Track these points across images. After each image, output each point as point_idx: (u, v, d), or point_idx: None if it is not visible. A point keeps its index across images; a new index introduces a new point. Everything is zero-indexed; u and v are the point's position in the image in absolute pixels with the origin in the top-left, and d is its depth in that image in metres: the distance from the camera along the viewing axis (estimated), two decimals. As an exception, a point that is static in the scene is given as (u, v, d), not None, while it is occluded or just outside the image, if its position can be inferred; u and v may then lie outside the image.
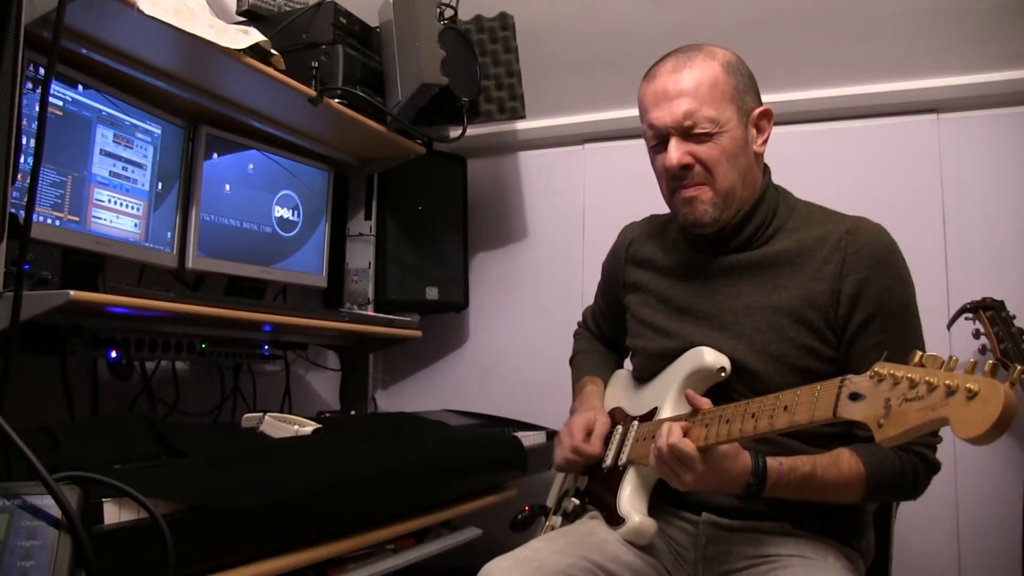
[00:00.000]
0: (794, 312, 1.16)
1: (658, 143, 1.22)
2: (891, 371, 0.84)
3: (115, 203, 1.54)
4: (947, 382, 0.77)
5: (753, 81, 1.22)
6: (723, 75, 1.18)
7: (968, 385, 0.75)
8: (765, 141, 1.23)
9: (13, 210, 1.04)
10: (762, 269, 1.21)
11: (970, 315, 1.76)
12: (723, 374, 1.17)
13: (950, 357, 0.80)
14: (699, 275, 1.26)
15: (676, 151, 1.18)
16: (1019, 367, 0.76)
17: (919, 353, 0.82)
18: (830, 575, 1.08)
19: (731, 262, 1.23)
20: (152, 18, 1.33)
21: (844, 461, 1.09)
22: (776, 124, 1.25)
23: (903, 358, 1.10)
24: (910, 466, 1.11)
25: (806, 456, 1.09)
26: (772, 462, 1.07)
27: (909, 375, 0.81)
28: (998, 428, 0.72)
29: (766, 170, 1.27)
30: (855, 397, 0.88)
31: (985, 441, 0.74)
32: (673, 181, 1.21)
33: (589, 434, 1.29)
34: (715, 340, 1.20)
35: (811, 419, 0.93)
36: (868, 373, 0.87)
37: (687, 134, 1.17)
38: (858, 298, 1.13)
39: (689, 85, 1.17)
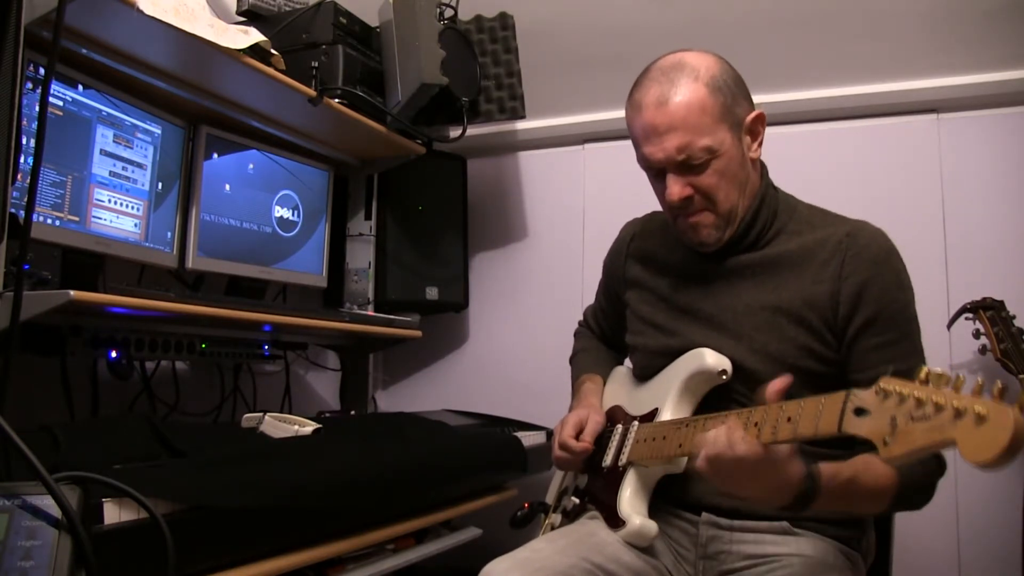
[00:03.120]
0: (793, 313, 1.16)
1: (655, 174, 1.21)
2: (897, 388, 0.82)
3: (115, 203, 1.54)
4: (955, 403, 0.75)
5: (741, 86, 1.19)
6: (710, 97, 1.13)
7: (977, 408, 0.73)
8: (760, 144, 1.21)
9: (13, 210, 1.04)
10: (763, 270, 1.21)
11: (970, 315, 1.76)
12: (724, 377, 1.17)
13: (957, 376, 0.78)
14: (700, 275, 1.26)
15: (674, 186, 1.16)
16: None
17: (925, 369, 0.80)
18: (830, 574, 1.08)
19: (732, 263, 1.23)
20: (152, 18, 1.33)
21: (878, 467, 1.03)
22: (777, 124, 1.25)
23: (904, 363, 1.10)
24: (931, 468, 1.08)
25: (841, 462, 1.03)
26: (822, 466, 1.00)
27: (916, 393, 0.79)
28: (1008, 454, 0.70)
29: (763, 171, 1.26)
30: (860, 412, 0.86)
31: (994, 467, 0.72)
32: (674, 210, 1.21)
33: (581, 431, 1.29)
34: (714, 340, 1.20)
35: (815, 432, 0.91)
36: (873, 388, 0.85)
37: (683, 167, 1.15)
38: (858, 300, 1.13)
39: (678, 117, 1.13)
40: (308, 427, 1.48)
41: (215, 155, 1.79)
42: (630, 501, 1.19)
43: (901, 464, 0.81)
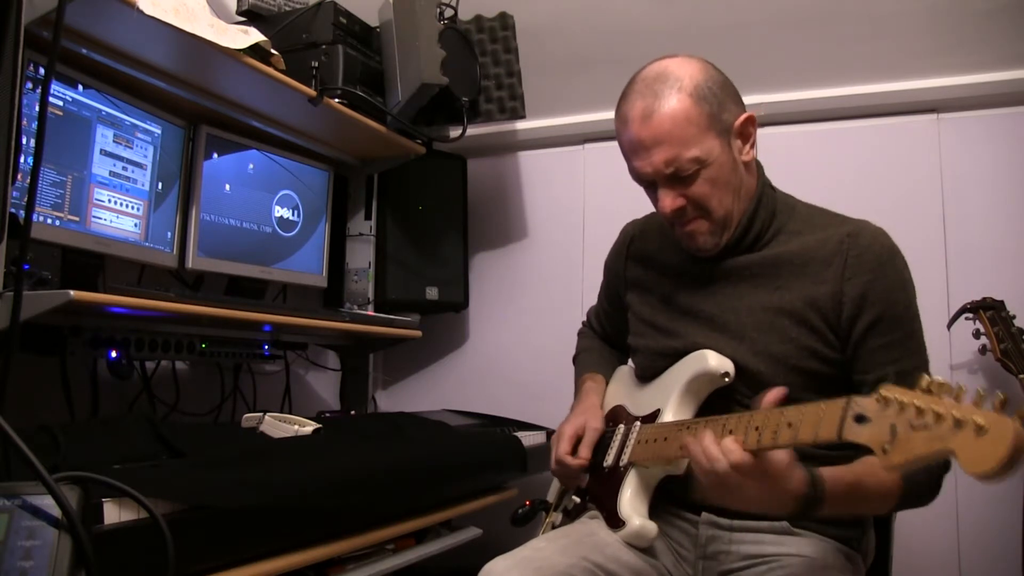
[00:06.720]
0: (795, 313, 1.15)
1: (647, 185, 1.21)
2: (898, 396, 0.81)
3: (115, 203, 1.54)
4: (955, 413, 0.74)
5: (728, 90, 1.17)
6: (695, 107, 1.12)
7: (977, 419, 0.72)
8: (752, 146, 1.20)
9: (13, 210, 1.04)
10: (763, 271, 1.20)
11: (970, 315, 1.76)
12: (727, 379, 1.16)
13: (959, 385, 0.78)
14: (700, 276, 1.26)
15: (666, 198, 1.16)
16: None
17: (926, 378, 0.80)
18: (829, 574, 1.08)
19: (732, 264, 1.23)
20: (152, 18, 1.33)
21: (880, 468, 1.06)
22: (776, 124, 1.25)
23: (909, 361, 1.11)
24: (935, 468, 1.08)
25: (843, 466, 1.04)
26: (824, 471, 1.00)
27: (916, 402, 0.79)
28: (1007, 466, 0.70)
29: (759, 171, 1.25)
30: (860, 419, 0.85)
31: (992, 479, 0.71)
32: (669, 220, 1.21)
33: (580, 440, 1.29)
34: (716, 341, 1.19)
35: (815, 439, 0.91)
36: (874, 396, 0.84)
37: (673, 179, 1.15)
38: (863, 302, 1.12)
39: (663, 131, 1.12)
40: (308, 427, 1.48)
41: (215, 155, 1.79)
42: (630, 502, 1.19)
43: (901, 471, 0.80)
